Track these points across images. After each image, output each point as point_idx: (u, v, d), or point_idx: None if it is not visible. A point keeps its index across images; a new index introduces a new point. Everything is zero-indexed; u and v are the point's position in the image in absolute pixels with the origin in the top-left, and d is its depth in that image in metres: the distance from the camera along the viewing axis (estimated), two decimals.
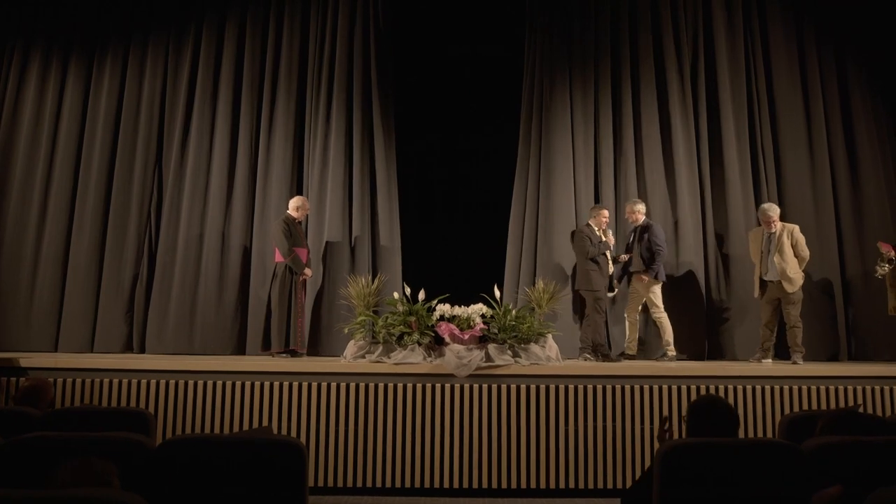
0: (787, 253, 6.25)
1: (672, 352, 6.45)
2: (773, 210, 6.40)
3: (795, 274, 6.23)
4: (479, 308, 5.56)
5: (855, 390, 5.32)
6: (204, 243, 7.09)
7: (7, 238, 7.07)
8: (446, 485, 5.07)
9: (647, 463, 5.06)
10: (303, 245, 6.66)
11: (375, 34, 7.45)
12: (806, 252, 6.33)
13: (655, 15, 7.44)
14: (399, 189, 7.34)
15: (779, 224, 6.35)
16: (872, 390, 5.34)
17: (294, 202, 6.73)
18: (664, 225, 6.94)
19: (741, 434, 5.01)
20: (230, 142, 7.30)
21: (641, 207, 6.70)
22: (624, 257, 6.68)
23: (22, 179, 7.18)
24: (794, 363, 6.11)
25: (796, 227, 6.40)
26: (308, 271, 6.58)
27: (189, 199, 7.16)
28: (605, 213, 6.66)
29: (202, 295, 6.99)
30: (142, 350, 6.91)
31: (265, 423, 5.09)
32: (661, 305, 6.49)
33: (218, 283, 7.03)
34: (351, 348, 5.58)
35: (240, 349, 6.94)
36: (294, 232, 6.56)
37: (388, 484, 5.06)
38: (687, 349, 6.80)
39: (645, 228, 6.58)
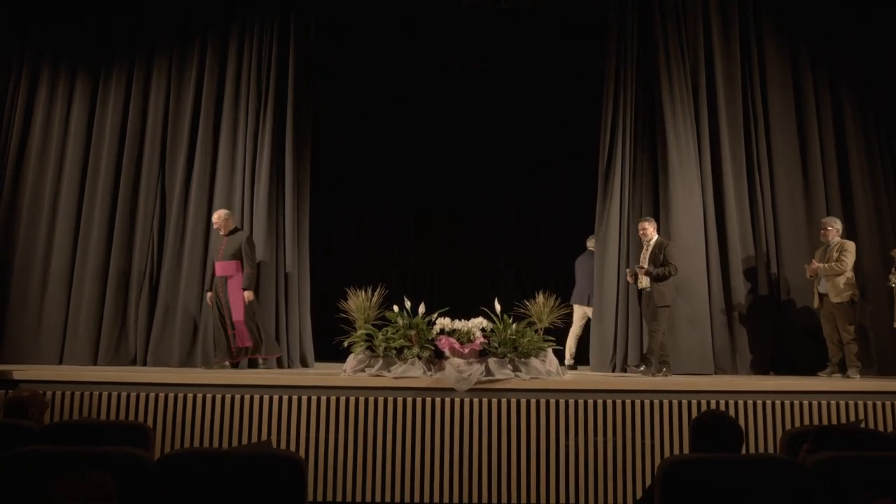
0: (837, 263, 6.33)
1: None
2: (830, 221, 6.54)
3: (843, 286, 6.29)
4: (479, 322, 5.55)
5: (857, 405, 5.30)
6: (208, 259, 7.07)
7: (18, 254, 7.11)
8: (446, 499, 5.04)
9: (649, 478, 5.04)
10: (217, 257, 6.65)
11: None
12: (843, 265, 6.30)
13: (653, 41, 7.43)
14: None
15: (837, 238, 6.45)
16: (874, 405, 5.32)
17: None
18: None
19: (744, 449, 5.03)
20: (230, 158, 7.29)
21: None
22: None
23: (31, 197, 7.23)
24: (849, 377, 6.15)
25: (851, 243, 6.48)
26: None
27: (194, 215, 7.17)
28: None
29: (205, 311, 6.97)
30: (144, 365, 6.90)
31: (265, 436, 5.07)
32: None
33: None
34: (351, 362, 5.57)
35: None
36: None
37: (388, 498, 5.03)
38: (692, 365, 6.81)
39: None
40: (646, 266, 6.34)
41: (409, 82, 9.32)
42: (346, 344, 5.70)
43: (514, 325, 5.57)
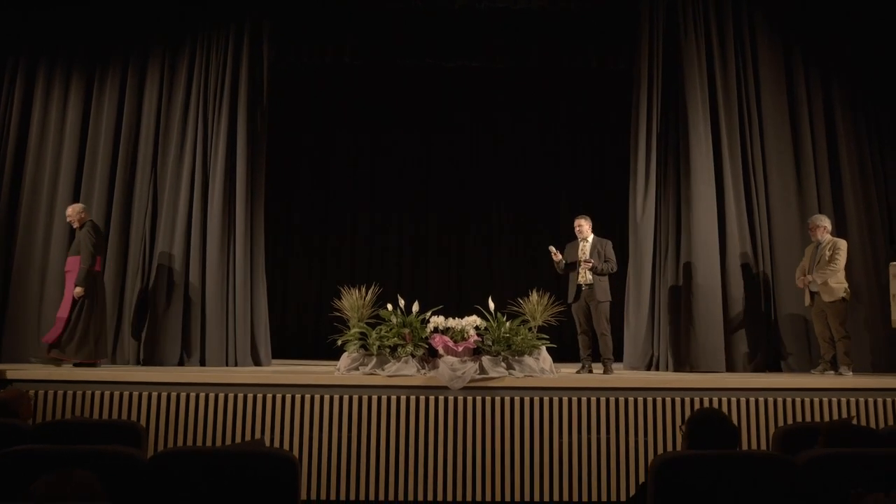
0: (829, 263, 6.34)
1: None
2: (817, 220, 6.57)
3: (835, 285, 6.30)
4: (473, 320, 5.55)
5: (849, 402, 5.33)
6: (206, 257, 7.09)
7: (17, 255, 7.11)
8: (440, 497, 5.04)
9: (643, 475, 5.05)
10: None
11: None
12: (836, 264, 6.31)
13: (677, 39, 7.44)
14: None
15: (827, 236, 6.47)
16: (866, 402, 5.35)
17: None
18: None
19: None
20: (203, 157, 7.29)
21: None
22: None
23: (29, 196, 7.24)
24: (841, 375, 6.13)
25: (843, 241, 6.49)
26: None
27: (184, 215, 7.17)
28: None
29: (196, 308, 7.00)
30: (140, 364, 6.89)
31: (258, 435, 5.06)
32: None
33: (217, 296, 7.03)
34: (344, 360, 5.56)
35: (230, 361, 6.97)
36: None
37: (382, 497, 5.03)
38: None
39: None
40: (591, 260, 6.31)
41: (404, 80, 9.31)
42: (339, 342, 5.70)
43: (507, 324, 5.58)
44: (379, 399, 5.15)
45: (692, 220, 7.05)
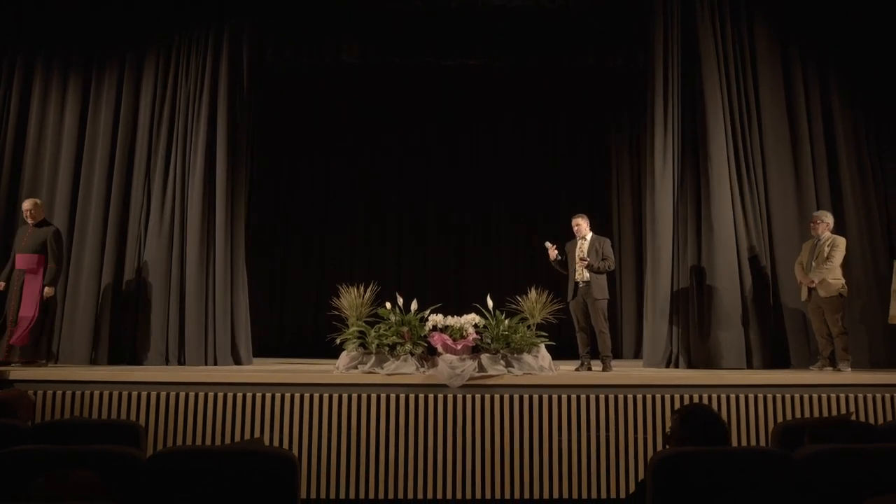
0: (826, 260, 6.36)
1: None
2: (822, 216, 6.60)
3: (832, 280, 6.32)
4: (471, 318, 5.55)
5: (847, 398, 5.33)
6: (185, 256, 7.11)
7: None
8: (440, 496, 5.04)
9: (641, 472, 5.06)
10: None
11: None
12: (832, 262, 6.34)
13: (695, 34, 7.45)
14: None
15: (827, 233, 6.49)
16: (864, 398, 5.35)
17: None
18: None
19: (735, 443, 5.06)
20: (184, 158, 7.31)
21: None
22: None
23: (28, 194, 7.18)
24: (840, 371, 6.14)
25: (842, 239, 6.50)
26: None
27: (168, 215, 7.19)
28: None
29: (175, 307, 7.03)
30: (134, 362, 6.89)
31: (257, 434, 5.06)
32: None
33: (197, 295, 7.05)
34: (343, 359, 5.56)
35: (210, 360, 6.99)
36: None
37: (381, 495, 5.03)
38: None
39: None
40: (588, 258, 6.34)
41: (404, 79, 9.30)
42: (338, 341, 5.70)
43: (506, 321, 5.58)
44: (378, 397, 5.15)
45: (713, 218, 7.02)
